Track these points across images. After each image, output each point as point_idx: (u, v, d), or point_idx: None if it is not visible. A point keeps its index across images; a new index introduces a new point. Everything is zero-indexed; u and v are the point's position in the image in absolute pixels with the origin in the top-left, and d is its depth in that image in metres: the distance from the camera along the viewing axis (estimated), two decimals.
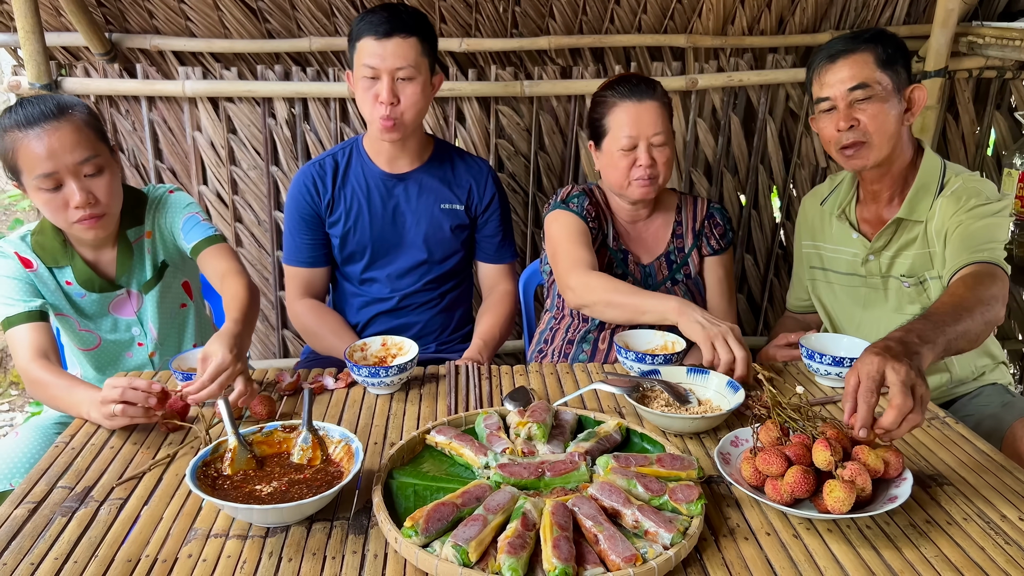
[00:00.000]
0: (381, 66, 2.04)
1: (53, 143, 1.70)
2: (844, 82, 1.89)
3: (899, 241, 2.00)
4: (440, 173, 2.29)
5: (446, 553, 1.10)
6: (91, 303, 1.95)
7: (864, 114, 1.89)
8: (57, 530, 1.23)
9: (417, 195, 2.27)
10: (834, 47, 1.92)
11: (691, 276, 2.15)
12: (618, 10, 2.86)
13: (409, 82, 2.07)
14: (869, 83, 1.87)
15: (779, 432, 1.33)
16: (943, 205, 1.91)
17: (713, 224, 2.18)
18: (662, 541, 1.15)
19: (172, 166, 2.99)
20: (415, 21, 2.07)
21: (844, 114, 1.90)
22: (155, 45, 2.86)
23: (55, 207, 1.76)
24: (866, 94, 1.88)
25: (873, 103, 1.88)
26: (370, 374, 1.67)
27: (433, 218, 2.28)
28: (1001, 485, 1.37)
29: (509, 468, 1.32)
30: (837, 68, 1.90)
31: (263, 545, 1.19)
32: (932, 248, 1.95)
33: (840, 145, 1.93)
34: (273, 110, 2.90)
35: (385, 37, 2.03)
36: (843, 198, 2.11)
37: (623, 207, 2.15)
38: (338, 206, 2.26)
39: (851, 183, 2.11)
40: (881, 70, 1.88)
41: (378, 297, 2.33)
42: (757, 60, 3.00)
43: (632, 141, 2.00)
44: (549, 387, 1.76)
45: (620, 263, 2.14)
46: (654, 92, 2.02)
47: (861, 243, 2.06)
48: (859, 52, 1.89)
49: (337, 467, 1.34)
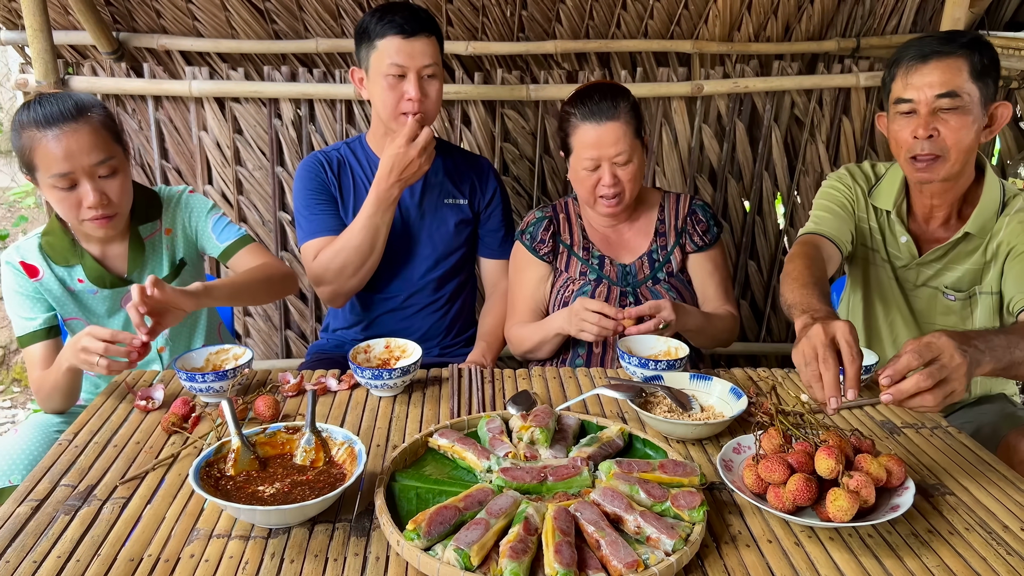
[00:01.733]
0: (410, 64, 2.07)
1: (71, 144, 1.72)
2: (933, 87, 1.74)
3: (953, 256, 1.94)
4: (443, 169, 2.31)
5: (448, 557, 1.11)
6: (102, 301, 1.96)
7: (946, 125, 1.76)
8: (60, 528, 1.24)
9: (421, 191, 2.29)
10: (928, 46, 1.76)
11: (674, 273, 2.15)
12: (625, 15, 2.86)
13: (434, 79, 2.12)
14: (959, 92, 1.73)
15: (782, 439, 1.33)
16: (1010, 223, 1.85)
17: (695, 220, 2.16)
18: (664, 547, 1.15)
19: (178, 166, 3.00)
20: (432, 21, 2.12)
21: (925, 121, 1.76)
22: (162, 45, 2.87)
23: (68, 205, 1.79)
24: (953, 104, 1.74)
25: (958, 115, 1.75)
26: (373, 376, 1.67)
27: (437, 214, 2.29)
28: (1003, 495, 1.37)
29: (511, 472, 1.32)
30: (928, 70, 1.75)
31: (265, 546, 1.20)
32: (988, 262, 1.89)
33: (912, 153, 1.80)
34: (279, 111, 2.90)
35: (413, 36, 2.06)
36: (897, 197, 1.98)
37: (599, 215, 2.16)
38: (347, 199, 2.26)
39: (902, 185, 1.98)
40: (973, 80, 1.74)
41: (383, 296, 2.33)
42: (763, 67, 3.00)
43: (594, 163, 2.00)
44: (552, 391, 1.76)
45: (594, 269, 2.14)
46: (615, 110, 1.98)
47: (908, 248, 1.97)
48: (954, 57, 1.74)
49: (340, 469, 1.34)
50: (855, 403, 1.69)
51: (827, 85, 2.94)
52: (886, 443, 1.54)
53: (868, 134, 3.05)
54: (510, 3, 2.80)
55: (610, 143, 1.98)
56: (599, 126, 1.98)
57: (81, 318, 1.96)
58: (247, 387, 1.76)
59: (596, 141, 1.99)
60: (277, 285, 1.98)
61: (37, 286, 1.90)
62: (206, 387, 1.63)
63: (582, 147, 2.01)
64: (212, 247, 2.03)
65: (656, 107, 2.95)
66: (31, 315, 1.90)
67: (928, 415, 1.66)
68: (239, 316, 3.17)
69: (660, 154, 3.03)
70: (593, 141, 1.99)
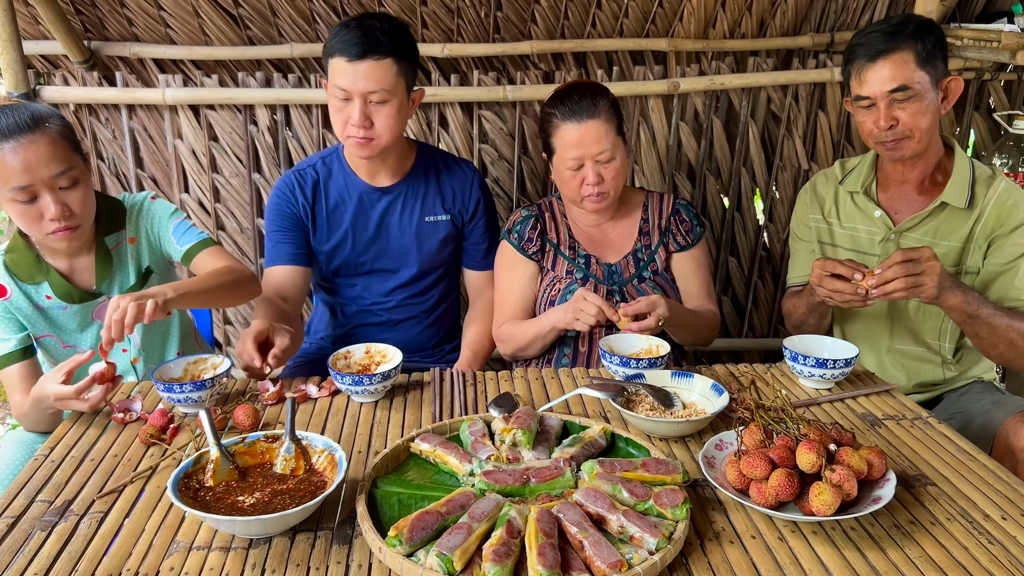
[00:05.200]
0: (352, 88, 1.96)
1: (29, 156, 1.69)
2: (884, 83, 1.88)
3: (933, 228, 2.02)
4: (424, 184, 2.25)
5: (430, 562, 1.10)
6: (72, 316, 1.93)
7: (904, 112, 1.89)
8: (36, 545, 1.22)
9: (400, 209, 2.23)
10: (874, 46, 1.89)
11: (659, 272, 2.16)
12: (600, 15, 2.86)
13: (383, 105, 2.00)
14: (908, 84, 1.87)
15: (763, 435, 1.34)
16: (995, 208, 1.95)
17: (679, 220, 2.17)
18: (647, 546, 1.15)
19: (153, 174, 2.97)
20: (391, 40, 1.97)
21: (884, 114, 1.90)
22: (135, 53, 2.84)
23: (29, 219, 1.75)
24: (906, 96, 1.88)
25: (912, 102, 1.88)
26: (353, 382, 1.66)
27: (418, 232, 2.24)
28: (984, 485, 1.37)
29: (494, 475, 1.31)
30: (877, 68, 1.88)
31: (246, 557, 1.18)
32: (971, 242, 1.98)
33: (879, 140, 1.95)
34: (255, 117, 2.88)
35: (358, 59, 1.94)
36: (865, 178, 2.11)
37: (584, 213, 2.16)
38: (320, 221, 2.21)
39: (872, 164, 2.11)
40: (921, 68, 1.87)
41: (365, 310, 2.31)
42: (738, 63, 3.01)
43: (577, 162, 2.00)
44: (534, 392, 1.76)
45: (580, 267, 2.15)
46: (595, 108, 1.98)
47: (883, 222, 2.07)
48: (900, 51, 1.87)
49: (320, 477, 1.33)
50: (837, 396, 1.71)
51: (802, 80, 2.96)
52: (867, 436, 1.55)
53: (844, 128, 3.06)
54: (485, 4, 2.79)
55: (592, 141, 1.98)
56: (580, 125, 1.98)
57: (53, 335, 1.93)
58: (226, 396, 1.74)
59: (578, 140, 1.98)
60: (244, 288, 1.94)
61: (7, 305, 1.86)
62: (184, 397, 1.61)
63: (564, 147, 2.01)
64: (174, 251, 1.99)
65: (633, 105, 2.95)
66: (4, 336, 1.87)
67: (911, 409, 1.67)
68: (219, 324, 3.14)
69: (639, 152, 3.03)
70: (575, 140, 1.99)
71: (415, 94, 2.11)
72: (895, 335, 2.12)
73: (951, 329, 2.06)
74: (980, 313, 1.83)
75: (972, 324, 1.86)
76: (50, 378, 1.64)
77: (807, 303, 2.05)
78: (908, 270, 1.71)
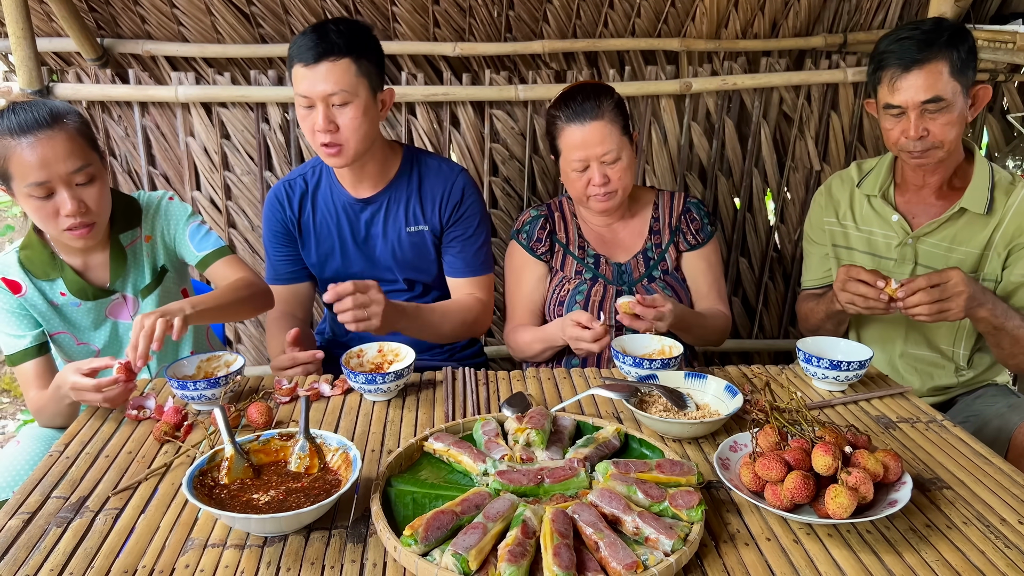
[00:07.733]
0: (312, 93, 1.92)
1: (46, 152, 1.69)
2: (918, 93, 1.83)
3: (951, 234, 2.00)
4: (406, 192, 2.16)
5: (446, 562, 1.10)
6: (86, 313, 1.93)
7: (935, 123, 1.86)
8: (52, 541, 1.22)
9: (383, 221, 2.17)
10: (908, 54, 1.84)
11: (668, 272, 2.15)
12: (612, 14, 2.86)
13: (346, 107, 1.94)
14: (942, 96, 1.83)
15: (778, 437, 1.33)
16: (1016, 216, 1.93)
17: (690, 219, 2.16)
18: (663, 548, 1.14)
19: (165, 172, 2.98)
20: (347, 40, 1.92)
21: (915, 124, 1.86)
22: (147, 50, 2.85)
23: (45, 215, 1.75)
24: (938, 107, 1.84)
25: (944, 114, 1.85)
26: (367, 381, 1.66)
27: (402, 243, 2.18)
28: (1000, 489, 1.37)
29: (508, 475, 1.31)
30: (912, 78, 1.83)
31: (261, 555, 1.18)
32: (992, 253, 1.96)
33: (906, 149, 1.91)
34: (267, 115, 2.89)
35: (314, 63, 1.90)
36: (883, 181, 2.08)
37: (594, 213, 2.15)
38: (307, 234, 2.19)
39: (890, 167, 2.09)
40: (954, 78, 1.83)
41: None
42: (751, 64, 3.00)
43: (583, 163, 2.01)
44: (547, 393, 1.75)
45: (590, 267, 2.14)
46: (599, 110, 1.98)
47: (901, 226, 2.05)
48: (935, 61, 1.82)
49: (335, 475, 1.33)
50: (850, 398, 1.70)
51: (815, 81, 2.95)
52: (882, 438, 1.54)
53: (856, 129, 3.05)
54: (497, 4, 2.79)
55: (596, 142, 1.98)
56: (584, 126, 1.98)
57: (67, 332, 1.94)
58: (239, 394, 1.75)
59: (582, 142, 1.99)
60: (259, 302, 1.96)
61: (21, 302, 1.87)
62: (198, 395, 1.61)
63: (569, 148, 2.01)
64: (190, 255, 2.00)
65: (645, 105, 2.95)
66: (19, 332, 1.87)
67: (925, 412, 1.66)
68: (230, 323, 3.15)
69: (650, 153, 3.03)
70: (579, 142, 1.99)
71: (383, 95, 2.04)
72: (909, 340, 2.11)
73: (965, 336, 2.05)
74: (1006, 326, 1.82)
75: (996, 335, 1.86)
76: (73, 367, 1.64)
77: (826, 310, 2.03)
78: (933, 296, 1.71)
